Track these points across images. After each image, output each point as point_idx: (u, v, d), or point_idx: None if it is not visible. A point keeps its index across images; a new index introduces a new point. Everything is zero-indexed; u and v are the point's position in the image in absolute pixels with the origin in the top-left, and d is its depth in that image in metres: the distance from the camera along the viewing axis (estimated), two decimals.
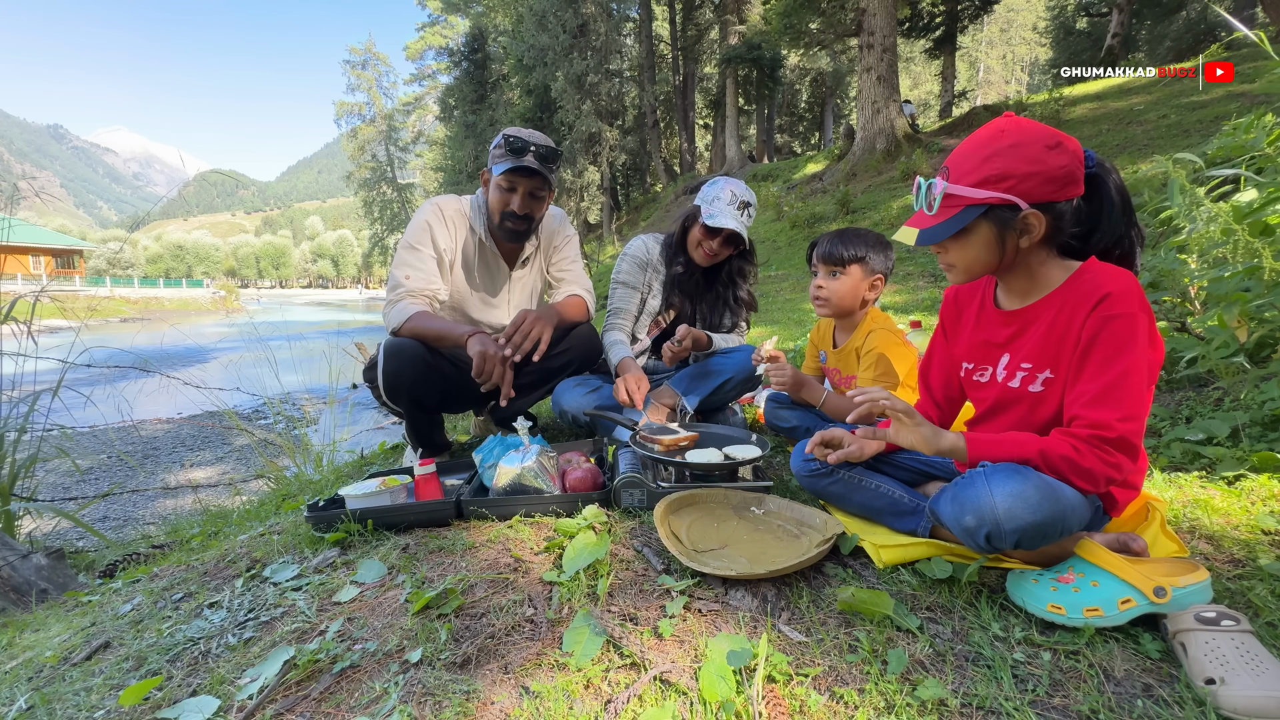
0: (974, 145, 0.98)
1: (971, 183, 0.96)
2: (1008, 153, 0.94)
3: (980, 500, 0.92)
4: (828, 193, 11.94)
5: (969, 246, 1.02)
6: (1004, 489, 0.90)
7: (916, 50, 25.04)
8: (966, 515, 0.94)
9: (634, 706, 0.78)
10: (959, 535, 0.97)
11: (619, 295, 2.09)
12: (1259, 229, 1.66)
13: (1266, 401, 1.52)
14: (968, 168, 0.97)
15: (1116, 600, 0.88)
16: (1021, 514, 0.89)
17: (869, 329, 1.64)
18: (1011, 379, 1.08)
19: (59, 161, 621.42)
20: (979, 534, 0.92)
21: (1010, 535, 0.90)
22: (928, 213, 1.03)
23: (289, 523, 1.61)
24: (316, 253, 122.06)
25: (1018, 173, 0.93)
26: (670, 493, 1.36)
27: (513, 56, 25.14)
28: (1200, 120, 7.33)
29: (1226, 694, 0.72)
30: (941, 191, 0.98)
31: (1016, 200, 0.94)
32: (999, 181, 0.94)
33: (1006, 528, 0.89)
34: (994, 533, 0.91)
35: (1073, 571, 0.93)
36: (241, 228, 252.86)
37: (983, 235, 1.00)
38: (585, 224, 27.13)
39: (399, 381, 1.73)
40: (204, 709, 0.85)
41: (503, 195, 1.81)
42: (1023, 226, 0.97)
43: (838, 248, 1.62)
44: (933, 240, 1.01)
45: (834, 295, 1.63)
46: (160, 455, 4.67)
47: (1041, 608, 0.90)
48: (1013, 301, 1.10)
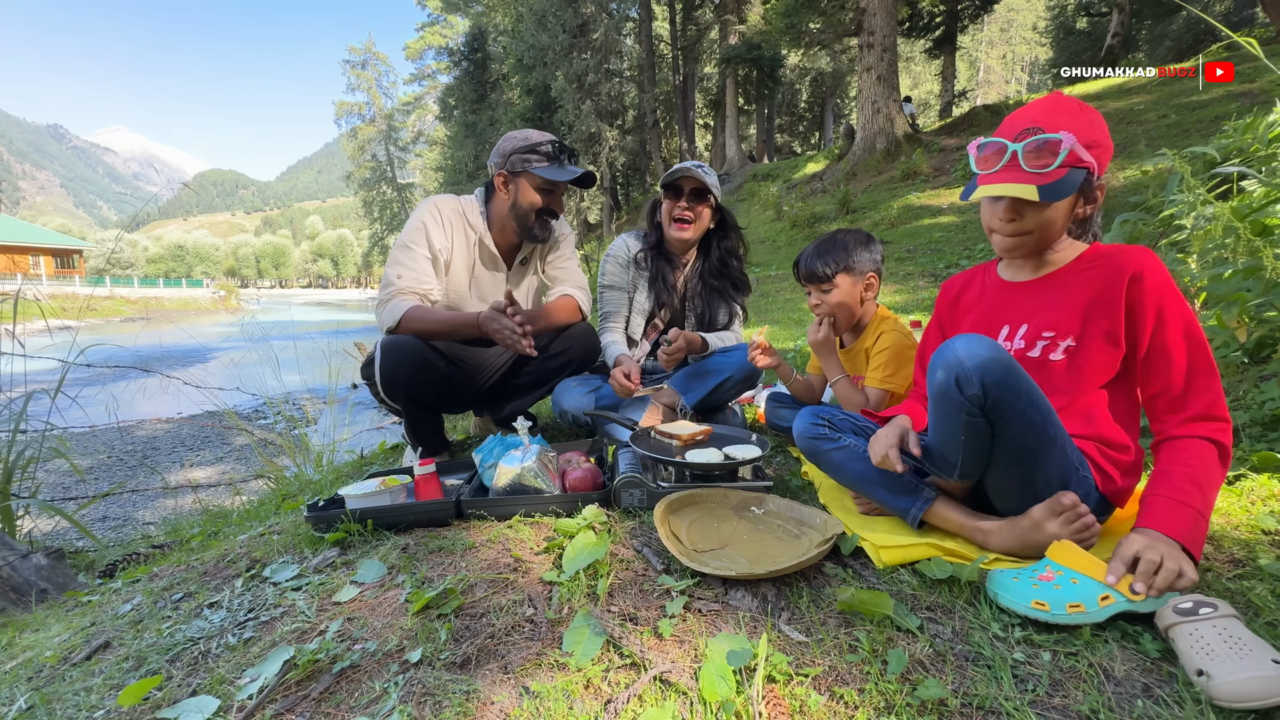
0: (1067, 110, 1.01)
1: (1083, 143, 0.98)
2: (1097, 122, 0.99)
3: (944, 353, 0.98)
4: (828, 192, 11.94)
5: (1056, 210, 1.04)
6: (962, 339, 0.97)
7: (916, 50, 25.05)
8: (937, 372, 0.98)
9: (634, 706, 0.78)
10: (936, 401, 1.00)
11: (607, 299, 2.10)
12: (1258, 229, 1.66)
13: (1266, 401, 1.52)
14: (1077, 128, 0.98)
15: (1097, 597, 0.88)
16: (979, 351, 0.93)
17: (879, 329, 1.64)
18: (1031, 349, 1.09)
19: (59, 161, 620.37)
20: (950, 384, 0.96)
21: (974, 372, 0.93)
22: (1030, 169, 0.99)
23: (289, 523, 1.61)
24: (316, 252, 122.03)
25: (1103, 143, 1.00)
26: (670, 493, 1.36)
27: (513, 56, 25.13)
28: (1200, 120, 7.33)
29: (1215, 685, 0.72)
30: (1068, 147, 0.97)
31: (1096, 167, 1.00)
32: (1093, 147, 0.99)
33: (969, 364, 0.93)
34: (961, 375, 0.94)
35: (1050, 570, 0.93)
36: (241, 227, 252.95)
37: (1069, 200, 1.03)
38: (585, 224, 27.13)
39: (396, 379, 1.73)
40: (204, 709, 0.85)
41: (545, 197, 1.86)
42: (1093, 194, 1.03)
43: (818, 265, 1.62)
44: (1058, 197, 0.99)
45: (832, 308, 1.64)
46: (160, 455, 4.67)
47: (1025, 604, 0.90)
48: (1024, 273, 1.13)
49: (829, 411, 1.32)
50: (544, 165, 1.81)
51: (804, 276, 1.66)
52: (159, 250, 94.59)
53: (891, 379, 1.56)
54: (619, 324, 2.09)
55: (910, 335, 1.62)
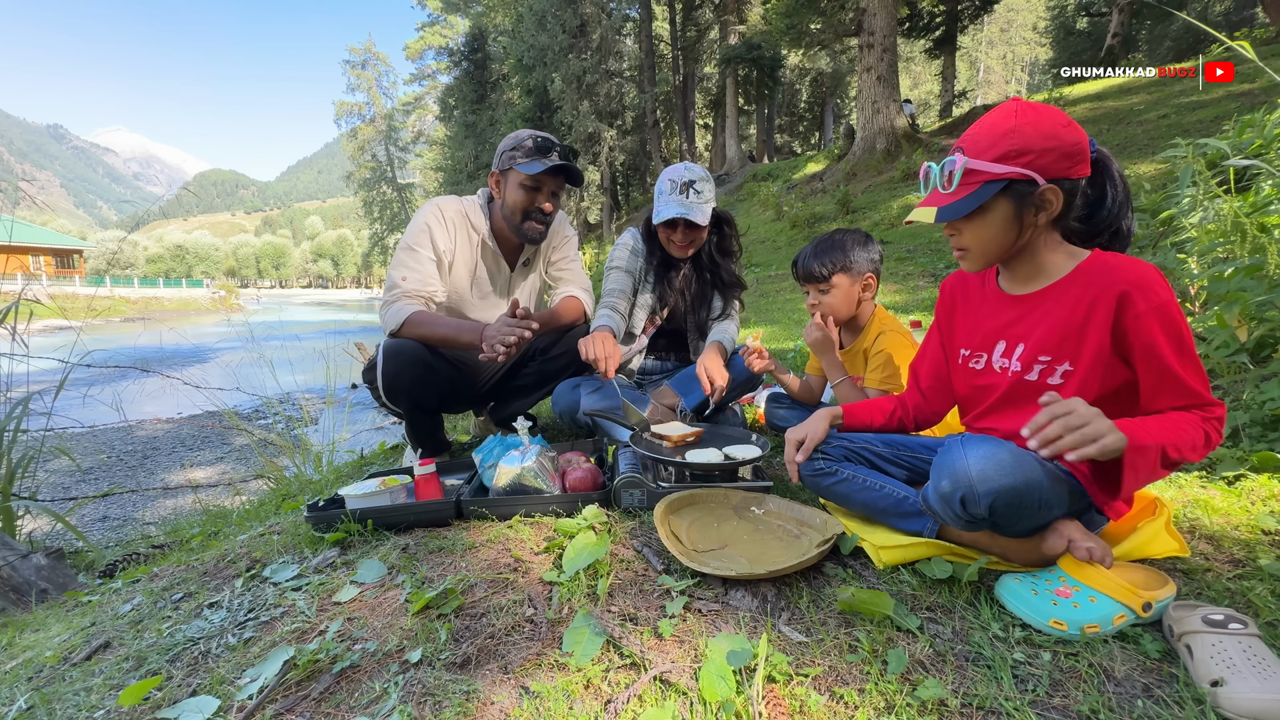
0: (988, 123, 0.98)
1: (990, 158, 0.95)
2: (1025, 128, 0.94)
3: (955, 463, 0.92)
4: (828, 192, 11.94)
5: (987, 225, 1.00)
6: (977, 452, 0.91)
7: (916, 50, 25.04)
8: (943, 480, 0.94)
9: (634, 706, 0.78)
10: (938, 507, 0.97)
11: (613, 278, 2.04)
12: (1259, 226, 1.66)
13: (1267, 401, 1.52)
14: (985, 144, 0.96)
15: (1113, 617, 0.88)
16: (994, 476, 0.88)
17: (878, 330, 1.64)
18: (1028, 372, 1.06)
19: (59, 161, 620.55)
20: (954, 499, 0.92)
21: (984, 498, 0.89)
22: (944, 190, 1.00)
23: (289, 523, 1.61)
24: (316, 252, 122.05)
25: (1036, 147, 0.93)
26: (670, 493, 1.35)
27: (512, 56, 25.12)
28: (1200, 120, 7.32)
29: (1231, 698, 0.71)
30: (962, 167, 0.97)
31: (1035, 175, 0.94)
32: (1018, 156, 0.94)
33: (980, 490, 0.89)
34: (968, 495, 0.90)
35: (1067, 585, 0.92)
36: (241, 228, 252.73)
37: (1001, 213, 0.99)
38: (585, 224, 27.13)
39: (398, 383, 1.73)
40: (204, 709, 0.85)
41: (528, 194, 1.80)
42: (1040, 202, 0.97)
43: (815, 265, 1.62)
44: (953, 216, 0.98)
45: (831, 308, 1.64)
46: (160, 455, 4.67)
47: (1044, 622, 0.89)
48: (1017, 286, 1.09)
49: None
50: (525, 161, 1.78)
51: (801, 276, 1.67)
52: (159, 250, 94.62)
53: (890, 380, 1.56)
54: (620, 301, 2.01)
55: (908, 335, 1.62)
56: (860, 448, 1.29)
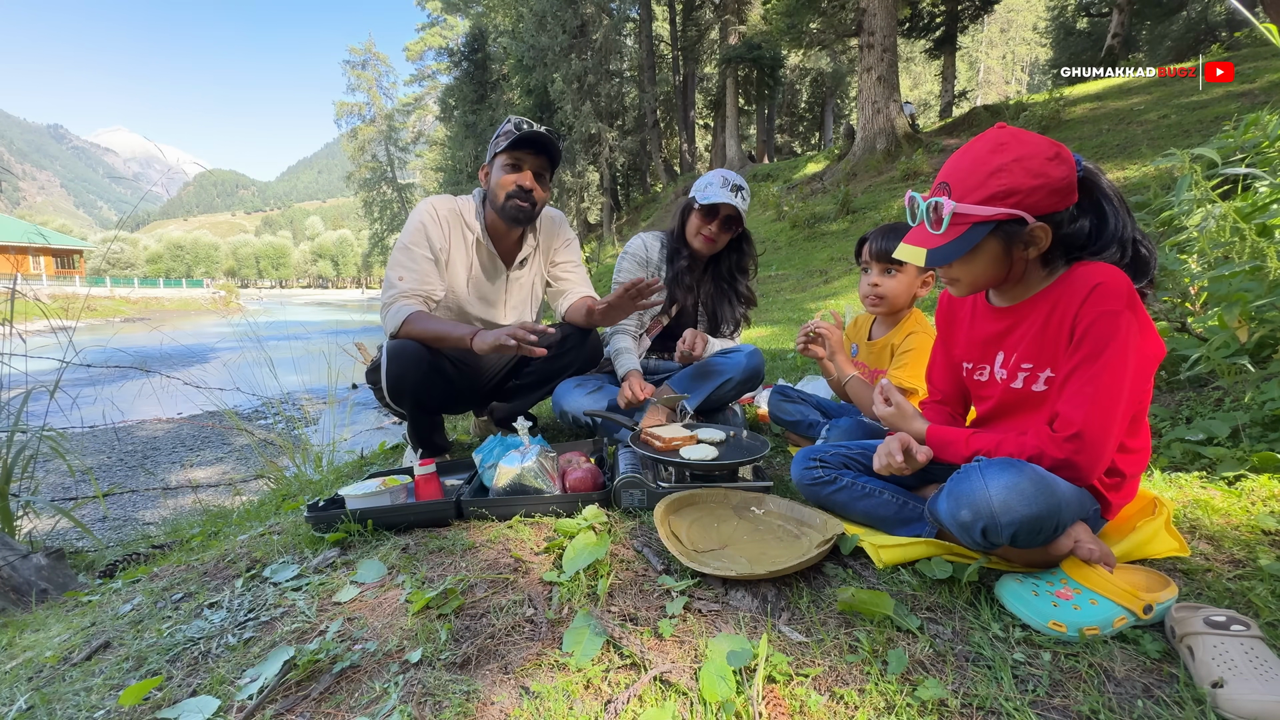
0: (974, 160, 0.96)
1: (978, 200, 0.94)
2: (1012, 168, 0.92)
3: (975, 494, 0.91)
4: (828, 193, 11.94)
5: (976, 263, 1.01)
6: (999, 481, 0.90)
7: (916, 50, 25.03)
8: (962, 510, 0.93)
9: (634, 707, 0.78)
10: (955, 532, 0.97)
11: None
12: (1261, 230, 1.66)
13: (1267, 402, 1.52)
14: (972, 184, 0.95)
15: (1113, 620, 0.88)
16: (1017, 507, 0.88)
17: (910, 329, 1.63)
18: (1014, 380, 1.07)
19: (59, 161, 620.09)
20: (975, 529, 0.92)
21: (1006, 529, 0.89)
22: (932, 231, 1.00)
23: (289, 523, 1.61)
24: (316, 253, 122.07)
25: (1024, 187, 0.92)
26: (670, 493, 1.36)
27: (512, 57, 25.12)
28: (1200, 120, 7.33)
29: (1230, 696, 0.71)
30: (950, 211, 0.96)
31: (1024, 215, 0.94)
32: (1005, 198, 0.93)
33: (1002, 520, 0.89)
34: (990, 526, 0.90)
35: (1068, 587, 0.92)
36: (241, 228, 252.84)
37: (990, 251, 0.99)
38: (585, 224, 27.11)
39: (402, 384, 1.73)
40: (204, 709, 0.85)
41: (508, 174, 1.80)
42: (1029, 239, 0.96)
43: (894, 244, 1.59)
44: (944, 261, 0.99)
45: (889, 294, 1.61)
46: (160, 455, 4.67)
47: (1044, 624, 0.89)
48: (1003, 299, 1.11)
49: (819, 449, 1.32)
50: (504, 142, 1.79)
51: (875, 254, 1.61)
52: (159, 250, 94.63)
53: (913, 378, 1.56)
54: (630, 324, 2.08)
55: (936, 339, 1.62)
56: (858, 454, 1.29)
